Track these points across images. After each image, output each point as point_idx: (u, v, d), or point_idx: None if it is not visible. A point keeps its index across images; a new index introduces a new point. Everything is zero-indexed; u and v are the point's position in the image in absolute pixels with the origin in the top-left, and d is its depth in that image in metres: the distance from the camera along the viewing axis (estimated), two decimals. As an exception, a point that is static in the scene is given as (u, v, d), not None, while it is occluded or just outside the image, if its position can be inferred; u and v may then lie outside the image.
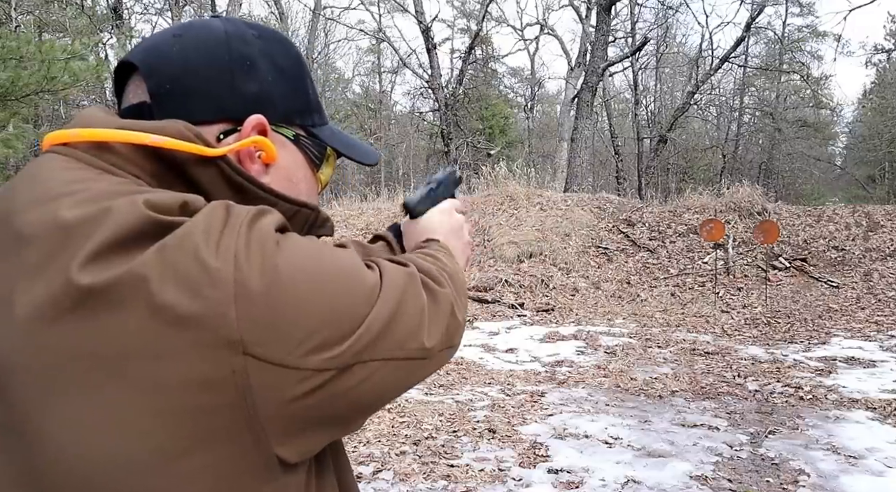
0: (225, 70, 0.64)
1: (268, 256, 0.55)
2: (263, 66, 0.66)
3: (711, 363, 6.50)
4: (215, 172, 0.62)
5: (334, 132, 0.75)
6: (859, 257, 10.54)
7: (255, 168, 0.66)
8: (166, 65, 0.63)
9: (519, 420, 4.77)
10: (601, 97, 23.64)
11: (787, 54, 26.23)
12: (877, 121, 29.83)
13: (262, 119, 0.65)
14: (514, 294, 9.94)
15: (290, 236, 0.58)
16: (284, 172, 0.69)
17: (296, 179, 0.70)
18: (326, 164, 0.75)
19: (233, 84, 0.64)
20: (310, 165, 0.72)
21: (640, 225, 12.02)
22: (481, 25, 22.84)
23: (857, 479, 3.74)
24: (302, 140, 0.70)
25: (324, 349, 0.54)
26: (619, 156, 22.86)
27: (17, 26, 10.43)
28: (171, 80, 0.63)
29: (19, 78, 6.19)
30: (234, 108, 0.64)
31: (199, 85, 0.63)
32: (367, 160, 0.78)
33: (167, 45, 0.64)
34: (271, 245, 0.55)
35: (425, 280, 0.67)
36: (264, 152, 0.66)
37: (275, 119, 0.66)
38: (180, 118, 0.62)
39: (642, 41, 19.81)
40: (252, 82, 0.65)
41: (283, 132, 0.68)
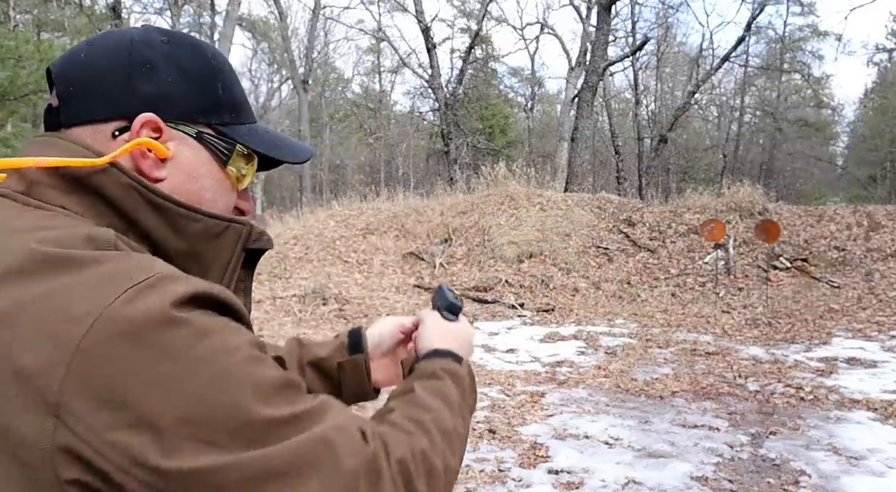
0: (123, 72, 0.68)
1: (136, 333, 0.53)
2: (164, 68, 0.69)
3: (712, 364, 6.48)
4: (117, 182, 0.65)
5: (254, 131, 0.76)
6: (860, 257, 10.52)
7: (147, 164, 0.68)
8: (73, 69, 0.69)
9: (519, 421, 4.75)
10: (601, 97, 23.62)
11: (788, 54, 26.23)
12: (878, 120, 29.81)
13: (151, 117, 0.67)
14: (514, 294, 9.92)
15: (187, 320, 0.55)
16: (185, 167, 0.70)
17: (197, 174, 0.71)
18: (240, 161, 0.75)
19: (129, 85, 0.68)
20: (216, 162, 0.73)
21: (641, 225, 12.01)
22: (481, 25, 22.83)
23: (858, 480, 3.73)
24: (206, 137, 0.72)
25: (142, 455, 0.52)
26: (620, 156, 22.85)
27: (16, 25, 10.41)
28: (75, 83, 0.68)
29: (18, 77, 6.18)
30: (129, 108, 0.68)
31: (98, 87, 0.68)
32: (290, 158, 0.79)
33: (79, 53, 0.70)
34: (149, 323, 0.54)
35: (396, 479, 0.61)
36: (154, 150, 0.68)
37: (172, 117, 0.69)
38: (81, 117, 0.68)
39: (643, 40, 19.80)
40: (149, 83, 0.68)
41: (183, 129, 0.70)
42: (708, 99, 29.21)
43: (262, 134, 0.77)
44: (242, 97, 0.77)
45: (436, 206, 13.10)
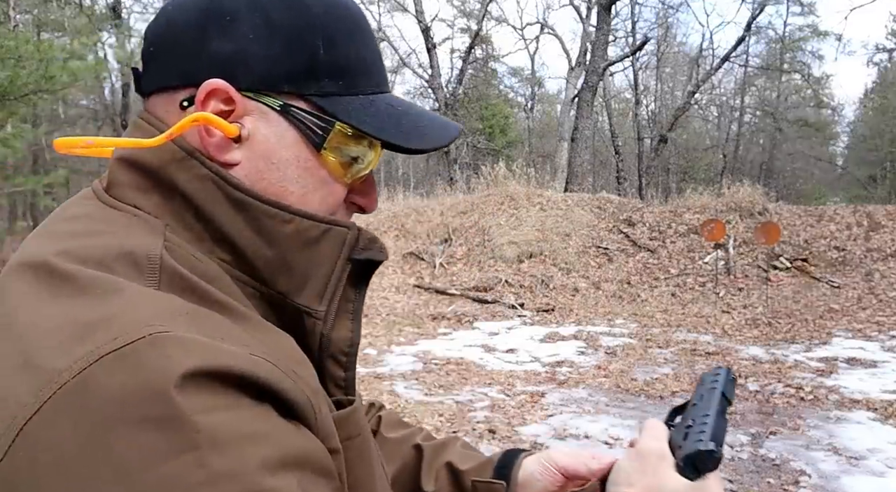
0: (198, 26, 0.54)
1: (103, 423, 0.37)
2: (247, 20, 0.53)
3: (712, 364, 6.48)
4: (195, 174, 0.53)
5: (371, 104, 0.58)
6: (860, 257, 10.52)
7: (213, 144, 0.53)
8: (156, 24, 0.57)
9: (519, 421, 4.75)
10: (601, 97, 23.62)
11: (788, 54, 26.22)
12: (878, 120, 29.80)
13: (218, 84, 0.52)
14: (514, 294, 9.92)
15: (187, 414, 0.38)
16: (262, 151, 0.55)
17: (278, 160, 0.55)
18: (348, 144, 0.57)
19: (202, 42, 0.53)
20: (307, 144, 0.56)
21: (641, 225, 12.01)
22: (481, 25, 22.84)
23: (858, 480, 3.73)
24: (294, 112, 0.55)
25: None
26: (620, 156, 22.85)
27: (16, 25, 10.42)
28: (154, 41, 0.56)
29: (18, 77, 6.18)
30: (198, 72, 0.53)
31: (172, 45, 0.54)
32: (414, 143, 0.59)
33: (168, 4, 0.57)
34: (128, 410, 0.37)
35: None
36: (217, 128, 0.53)
37: (250, 84, 0.53)
38: (156, 84, 0.56)
39: (643, 40, 19.81)
40: (225, 40, 0.53)
41: (263, 101, 0.54)
42: (708, 99, 29.22)
43: (382, 108, 0.58)
44: (360, 60, 0.58)
45: (436, 206, 13.11)
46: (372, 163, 0.60)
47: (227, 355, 0.42)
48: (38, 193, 9.76)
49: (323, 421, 0.49)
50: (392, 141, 0.57)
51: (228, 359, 0.42)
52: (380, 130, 0.57)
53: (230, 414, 0.40)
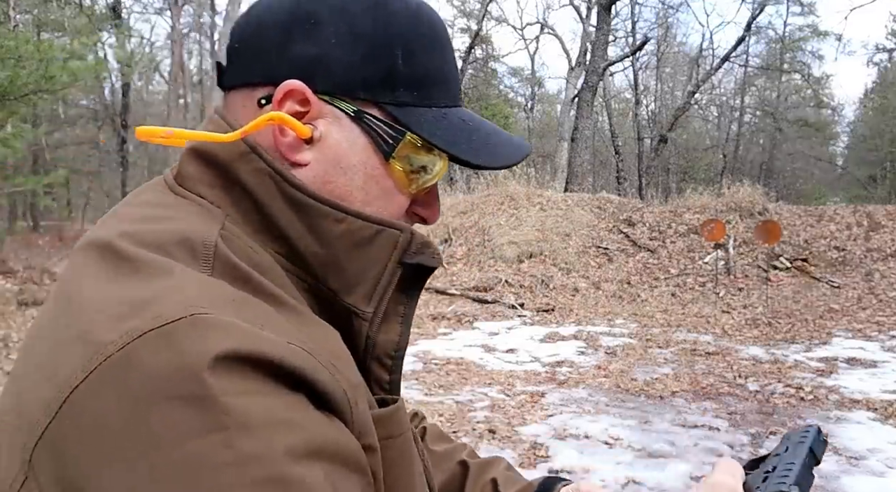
0: (283, 27, 0.55)
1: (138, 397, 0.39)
2: (333, 26, 0.55)
3: (712, 364, 6.48)
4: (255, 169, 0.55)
5: (444, 117, 0.58)
6: (860, 257, 10.52)
7: (286, 143, 0.55)
8: (245, 21, 0.59)
9: (519, 421, 4.75)
10: (601, 97, 23.62)
11: (788, 54, 26.22)
12: (878, 120, 29.79)
13: (295, 85, 0.54)
14: (514, 294, 9.92)
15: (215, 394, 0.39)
16: (332, 154, 0.56)
17: (347, 165, 0.56)
18: (418, 154, 0.57)
19: (286, 43, 0.55)
20: (376, 152, 0.56)
21: (641, 225, 12.01)
22: (481, 25, 22.85)
23: (858, 480, 3.73)
24: (367, 119, 0.55)
25: None
26: (620, 156, 22.85)
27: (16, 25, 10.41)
28: (240, 37, 0.58)
29: (18, 77, 6.18)
30: (279, 71, 0.55)
31: (258, 43, 0.56)
32: (482, 160, 0.58)
33: (259, 3, 0.59)
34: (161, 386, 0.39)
35: None
36: (290, 128, 0.54)
37: (327, 87, 0.55)
38: (238, 79, 0.58)
39: (643, 40, 19.81)
40: (307, 43, 0.55)
41: (337, 105, 0.55)
42: (708, 99, 29.22)
43: (455, 122, 0.59)
44: (437, 72, 0.58)
45: (436, 206, 13.10)
46: (438, 175, 0.60)
47: (265, 342, 0.42)
48: (38, 193, 9.76)
49: (360, 417, 0.49)
50: (461, 156, 0.57)
51: (265, 345, 0.42)
52: (450, 144, 0.57)
53: (262, 399, 0.41)
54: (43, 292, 7.93)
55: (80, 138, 24.70)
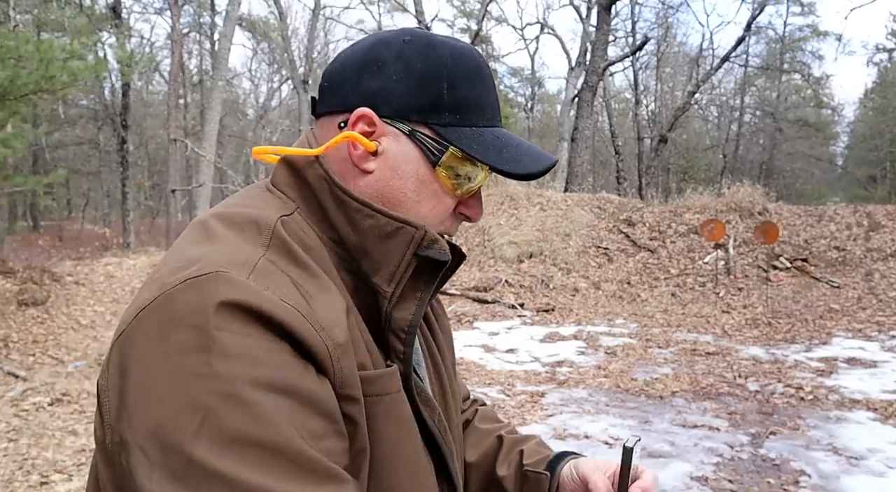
0: (357, 69, 0.72)
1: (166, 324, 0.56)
2: (393, 66, 0.71)
3: (712, 364, 6.48)
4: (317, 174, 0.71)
5: (480, 135, 0.72)
6: (860, 257, 10.52)
7: (357, 155, 0.71)
8: (332, 65, 0.76)
9: (519, 421, 4.75)
10: (601, 97, 23.61)
11: (788, 54, 26.22)
12: (878, 120, 29.79)
13: (365, 111, 0.70)
14: (514, 294, 9.92)
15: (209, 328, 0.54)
16: (391, 163, 0.71)
17: (402, 172, 0.71)
18: (461, 165, 0.72)
19: (359, 80, 0.71)
20: (425, 162, 0.71)
21: (641, 225, 12.01)
22: (481, 25, 22.83)
23: (858, 480, 3.73)
24: (419, 136, 0.71)
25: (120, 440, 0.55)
26: (620, 155, 22.84)
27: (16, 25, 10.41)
28: (328, 77, 0.75)
29: (18, 77, 6.17)
30: (353, 102, 0.71)
31: (339, 81, 0.73)
32: (509, 167, 0.72)
33: (345, 51, 0.76)
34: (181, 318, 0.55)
35: None
36: (362, 145, 0.70)
37: (389, 113, 0.70)
38: (324, 109, 0.74)
39: (643, 40, 19.79)
40: (375, 80, 0.71)
41: (397, 126, 0.71)
42: (708, 99, 29.21)
43: (489, 139, 0.73)
44: (476, 100, 0.73)
45: (436, 206, 13.10)
46: (479, 182, 0.74)
47: (263, 298, 0.57)
48: (38, 193, 9.76)
49: (343, 371, 0.61)
50: (493, 165, 0.71)
51: (262, 301, 0.57)
52: (483, 155, 0.71)
53: (245, 339, 0.55)
54: (43, 292, 7.92)
55: (80, 138, 24.69)
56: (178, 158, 17.07)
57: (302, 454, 0.54)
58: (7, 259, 9.07)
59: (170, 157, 15.43)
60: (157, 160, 28.00)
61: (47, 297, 7.90)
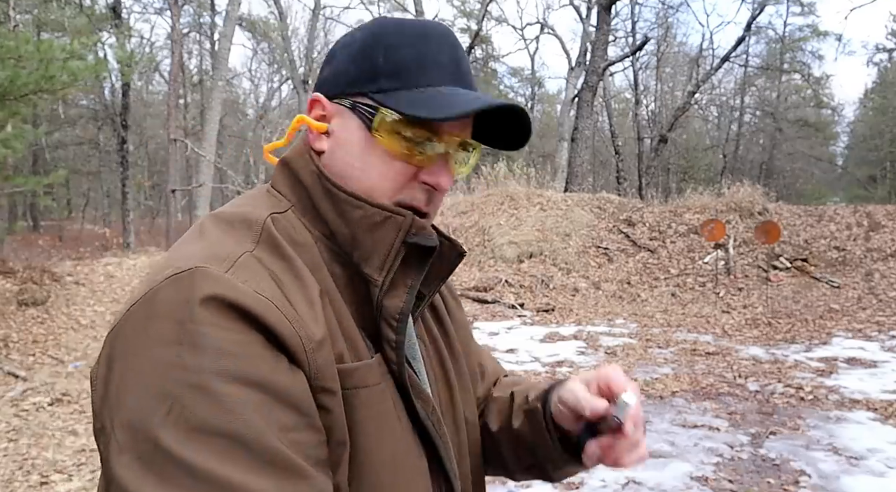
0: (324, 62, 0.77)
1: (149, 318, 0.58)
2: (340, 53, 0.75)
3: (712, 364, 6.48)
4: (308, 168, 0.73)
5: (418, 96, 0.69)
6: (860, 257, 10.52)
7: (312, 137, 0.74)
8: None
9: (519, 421, 4.75)
10: (601, 97, 23.61)
11: (788, 54, 26.22)
12: (878, 120, 29.80)
13: (314, 96, 0.74)
14: (514, 294, 9.92)
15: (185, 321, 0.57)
16: (338, 138, 0.73)
17: (346, 142, 0.72)
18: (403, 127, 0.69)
19: (319, 73, 0.76)
20: (364, 128, 0.71)
21: (641, 225, 12.00)
22: (481, 25, 22.84)
23: (858, 480, 3.73)
24: (358, 106, 0.71)
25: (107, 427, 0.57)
26: (620, 155, 22.83)
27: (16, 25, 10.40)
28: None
29: (18, 77, 6.17)
30: (316, 89, 0.75)
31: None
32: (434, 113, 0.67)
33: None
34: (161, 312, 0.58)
35: None
36: (311, 127, 0.73)
37: (334, 93, 0.73)
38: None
39: (643, 41, 19.79)
40: (327, 68, 0.75)
41: (341, 103, 0.73)
42: (708, 99, 29.21)
43: (428, 95, 0.70)
44: (418, 61, 0.70)
45: (436, 206, 13.09)
46: (442, 147, 0.71)
47: (238, 291, 0.58)
48: (38, 193, 9.75)
49: (318, 363, 0.62)
50: (416, 114, 0.67)
51: (237, 293, 0.58)
52: (410, 108, 0.68)
53: (218, 331, 0.56)
54: (43, 292, 7.92)
55: (80, 138, 24.69)
56: (178, 158, 17.07)
57: (266, 446, 0.55)
58: (7, 259, 9.07)
59: (170, 157, 15.43)
60: (157, 160, 28.00)
61: (47, 297, 7.89)
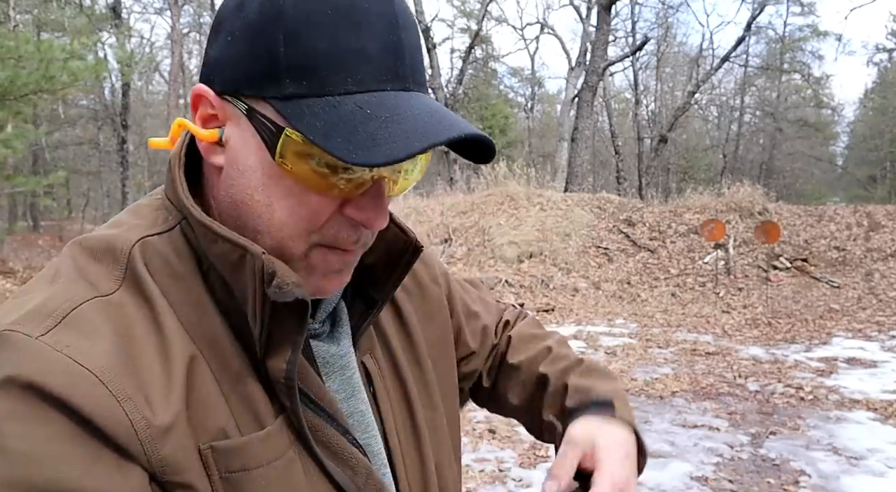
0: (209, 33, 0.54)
1: None
2: (230, 24, 0.51)
3: (712, 364, 6.48)
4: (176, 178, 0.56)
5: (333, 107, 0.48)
6: (860, 257, 10.52)
7: (203, 146, 0.54)
8: None
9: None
10: (601, 97, 23.61)
11: (788, 54, 26.23)
12: (878, 120, 29.81)
13: (199, 89, 0.53)
14: (514, 294, 9.92)
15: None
16: (233, 156, 0.53)
17: (244, 166, 0.52)
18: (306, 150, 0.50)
19: (206, 48, 0.54)
20: (267, 151, 0.51)
21: (641, 225, 12.01)
22: (481, 25, 22.84)
23: (857, 480, 3.73)
24: (256, 116, 0.50)
25: None
26: (620, 155, 22.84)
27: (16, 25, 10.41)
28: None
29: (18, 77, 6.18)
30: (200, 77, 0.54)
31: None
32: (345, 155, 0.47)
33: None
34: None
35: None
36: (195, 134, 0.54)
37: (223, 88, 0.52)
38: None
39: (643, 40, 19.79)
40: (214, 45, 0.53)
41: (236, 105, 0.51)
42: (708, 99, 29.22)
43: (346, 111, 0.48)
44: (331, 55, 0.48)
45: (436, 206, 13.10)
46: (372, 174, 0.52)
47: (44, 367, 0.45)
48: (38, 193, 9.77)
49: (162, 453, 0.47)
50: (333, 152, 0.47)
51: (41, 372, 0.44)
52: (325, 138, 0.47)
53: (12, 424, 0.43)
54: (43, 292, 7.92)
55: (80, 138, 24.71)
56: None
57: None
58: (7, 259, 9.07)
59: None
60: (157, 160, 27.99)
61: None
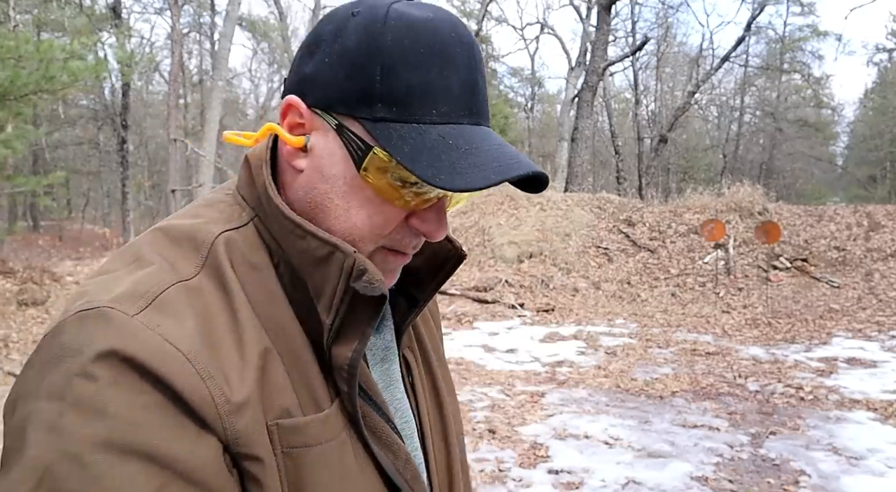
0: (302, 49, 0.62)
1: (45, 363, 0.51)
2: (329, 47, 0.58)
3: (712, 364, 6.48)
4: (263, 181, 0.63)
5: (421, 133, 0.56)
6: (860, 257, 10.52)
7: (287, 151, 0.61)
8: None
9: (519, 421, 4.75)
10: (601, 97, 23.61)
11: (788, 54, 26.21)
12: (878, 120, 29.79)
13: (291, 99, 0.60)
14: (514, 294, 9.92)
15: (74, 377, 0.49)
16: (318, 163, 0.60)
17: (328, 175, 0.59)
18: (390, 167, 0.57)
19: (299, 63, 0.61)
20: (352, 164, 0.58)
21: (641, 225, 12.00)
22: (481, 25, 22.83)
23: (857, 480, 3.73)
24: (345, 132, 0.58)
25: None
26: (620, 156, 22.83)
27: (16, 25, 10.41)
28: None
29: (18, 77, 6.18)
30: (292, 87, 0.61)
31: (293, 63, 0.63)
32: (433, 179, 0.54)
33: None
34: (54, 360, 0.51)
35: None
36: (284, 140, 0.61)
37: (315, 102, 0.59)
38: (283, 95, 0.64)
39: (643, 41, 19.79)
40: (309, 63, 0.60)
41: (326, 119, 0.59)
42: (708, 99, 29.20)
43: (431, 139, 0.56)
44: (426, 88, 0.56)
45: (436, 206, 13.10)
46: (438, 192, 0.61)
47: (139, 343, 0.50)
48: (38, 193, 9.77)
49: (237, 427, 0.53)
50: (420, 175, 0.54)
51: (138, 347, 0.50)
52: (411, 160, 0.55)
53: (107, 390, 0.49)
54: (43, 292, 7.92)
55: (80, 138, 24.70)
56: (178, 158, 17.06)
57: None
58: (7, 259, 9.07)
59: (170, 157, 15.43)
60: (157, 160, 27.99)
61: (47, 297, 7.90)
